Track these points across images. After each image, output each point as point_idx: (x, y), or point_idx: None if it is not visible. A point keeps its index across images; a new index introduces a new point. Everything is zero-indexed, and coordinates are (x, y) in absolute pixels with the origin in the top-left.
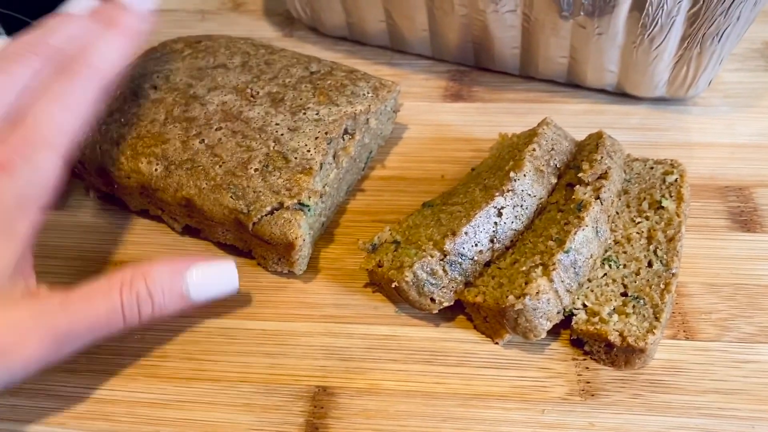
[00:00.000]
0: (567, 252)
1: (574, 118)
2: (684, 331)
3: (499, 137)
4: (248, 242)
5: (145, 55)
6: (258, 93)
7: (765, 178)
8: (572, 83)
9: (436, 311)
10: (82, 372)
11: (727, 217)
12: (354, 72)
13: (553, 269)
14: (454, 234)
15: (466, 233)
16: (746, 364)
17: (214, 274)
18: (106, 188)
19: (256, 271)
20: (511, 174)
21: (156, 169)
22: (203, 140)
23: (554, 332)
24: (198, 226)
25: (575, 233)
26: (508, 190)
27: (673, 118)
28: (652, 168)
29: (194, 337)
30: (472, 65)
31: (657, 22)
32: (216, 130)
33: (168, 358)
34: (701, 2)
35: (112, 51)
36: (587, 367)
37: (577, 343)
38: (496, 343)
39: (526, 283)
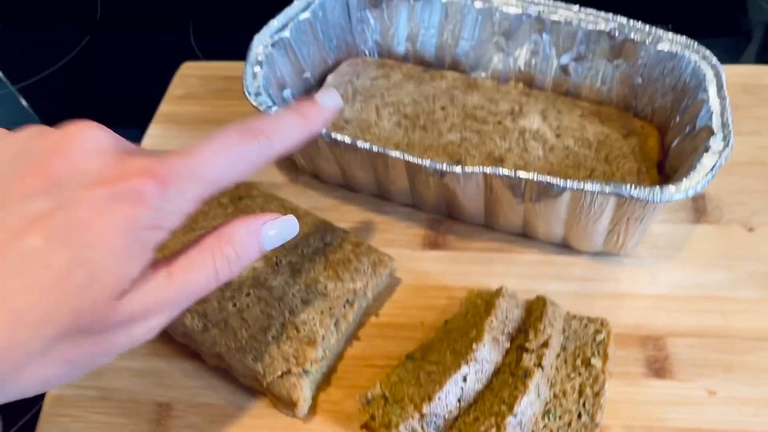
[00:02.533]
0: (515, 415)
1: (528, 268)
2: None
3: (467, 293)
4: (262, 390)
5: None
6: (281, 262)
7: (678, 327)
8: (526, 235)
9: None
10: None
11: (644, 365)
12: (359, 245)
13: (504, 429)
14: (430, 399)
15: (439, 398)
16: None
17: (281, 226)
18: None
19: (269, 412)
20: (474, 345)
21: (197, 325)
22: (235, 304)
23: None
24: (226, 367)
25: (521, 399)
26: (471, 360)
27: (608, 269)
28: (586, 326)
29: None
30: (445, 215)
31: (590, 211)
32: (246, 295)
33: None
34: (624, 203)
35: (290, 134)
36: None
37: None
38: None
39: None
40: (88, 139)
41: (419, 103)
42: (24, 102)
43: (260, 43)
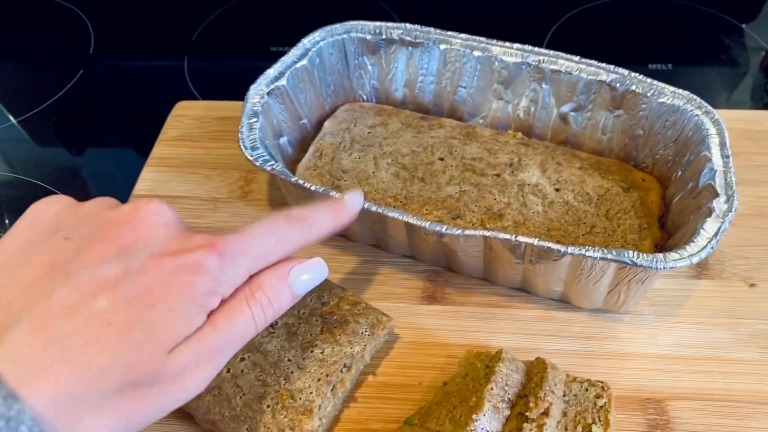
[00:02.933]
0: None
1: (527, 325)
2: None
3: (466, 353)
4: None
5: None
6: (277, 323)
7: (679, 390)
8: (526, 290)
9: None
10: None
11: (645, 428)
12: (357, 305)
13: None
14: None
15: None
16: None
17: (311, 270)
18: None
19: None
20: (473, 415)
21: None
22: (229, 369)
23: None
24: None
25: None
26: (471, 430)
27: (608, 326)
28: (587, 390)
29: None
30: (444, 267)
31: (591, 273)
32: (240, 360)
33: None
34: (627, 266)
35: (325, 224)
36: None
37: None
38: None
39: None
40: (155, 214)
41: (417, 154)
42: (25, 133)
43: (256, 94)
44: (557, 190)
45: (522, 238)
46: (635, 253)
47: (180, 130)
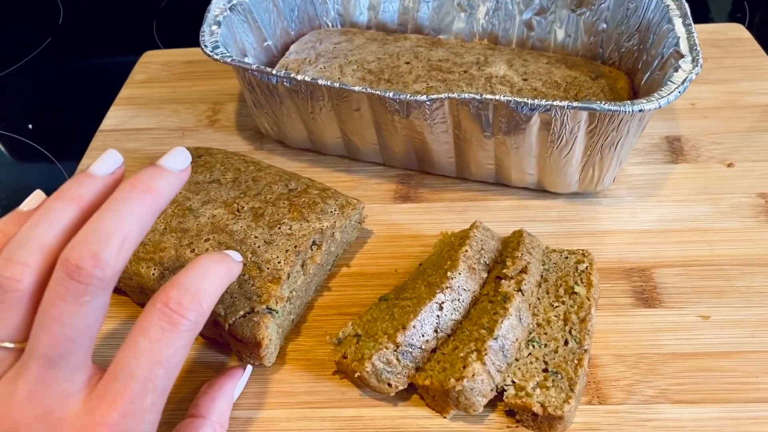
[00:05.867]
0: (496, 339)
1: (503, 214)
2: (597, 397)
3: (441, 235)
4: (225, 337)
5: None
6: (243, 207)
7: (663, 259)
8: (500, 183)
9: (393, 394)
10: None
11: (631, 295)
12: (326, 190)
13: (485, 354)
14: (404, 328)
15: (414, 327)
16: (648, 422)
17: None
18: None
19: (235, 364)
20: (449, 273)
21: (153, 273)
22: (194, 250)
23: (491, 405)
24: None
25: (501, 322)
26: (447, 287)
27: (586, 209)
28: (566, 258)
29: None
30: (416, 170)
31: (562, 138)
32: (205, 241)
33: None
34: (596, 121)
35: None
36: None
37: (510, 413)
38: (445, 417)
39: (464, 367)
40: None
41: (383, 60)
42: None
43: (217, 6)
44: (525, 80)
45: (489, 96)
46: (603, 101)
47: (147, 75)
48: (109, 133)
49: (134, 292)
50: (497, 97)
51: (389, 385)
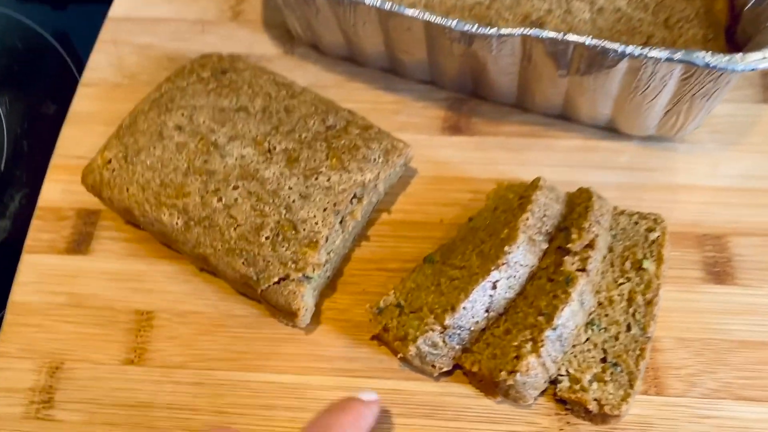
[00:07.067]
0: (555, 329)
1: (566, 157)
2: (655, 387)
3: (496, 185)
4: (257, 297)
5: (174, 78)
6: (275, 148)
7: (742, 225)
8: (566, 117)
9: (437, 375)
10: (120, 425)
11: (702, 268)
12: (368, 129)
13: (541, 345)
14: (453, 309)
15: (464, 308)
16: (707, 420)
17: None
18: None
19: (266, 321)
20: (506, 248)
21: (177, 223)
22: (221, 198)
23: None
24: (213, 271)
25: (562, 309)
26: (503, 264)
27: (661, 156)
28: (636, 223)
29: (220, 391)
30: (470, 94)
31: (649, 85)
32: (233, 188)
33: (199, 411)
34: (693, 72)
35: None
36: (568, 422)
37: (561, 400)
38: (490, 399)
39: (517, 358)
40: None
41: None
42: None
43: None
44: None
45: (572, 37)
46: (708, 53)
47: None
48: (120, 22)
49: (156, 235)
50: (582, 40)
51: (433, 366)
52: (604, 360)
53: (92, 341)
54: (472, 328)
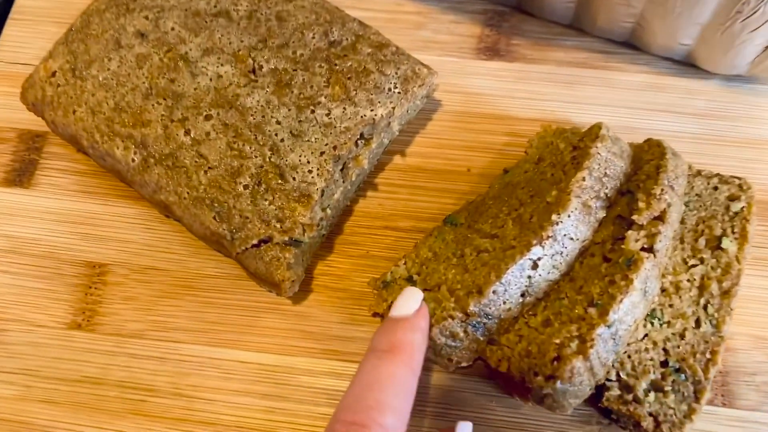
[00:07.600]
0: (609, 325)
1: (630, 95)
2: (722, 395)
3: (541, 130)
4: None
5: None
6: (261, 68)
7: None
8: (632, 45)
9: (453, 369)
10: (62, 404)
11: None
12: (383, 48)
13: (591, 346)
14: (480, 293)
15: (494, 292)
16: None
17: None
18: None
19: (247, 286)
20: (553, 216)
21: (133, 159)
22: (189, 130)
23: None
24: (179, 222)
25: (620, 300)
26: (548, 237)
27: (746, 102)
28: (716, 188)
29: (184, 368)
30: (514, 5)
31: (758, 10)
32: (205, 118)
33: (156, 392)
34: None
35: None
36: None
37: (605, 410)
38: (517, 400)
39: (558, 359)
40: None
41: None
42: None
43: None
44: None
45: None
46: None
47: None
48: None
49: (110, 171)
50: None
51: (450, 360)
52: (664, 363)
53: (30, 297)
54: (503, 316)
